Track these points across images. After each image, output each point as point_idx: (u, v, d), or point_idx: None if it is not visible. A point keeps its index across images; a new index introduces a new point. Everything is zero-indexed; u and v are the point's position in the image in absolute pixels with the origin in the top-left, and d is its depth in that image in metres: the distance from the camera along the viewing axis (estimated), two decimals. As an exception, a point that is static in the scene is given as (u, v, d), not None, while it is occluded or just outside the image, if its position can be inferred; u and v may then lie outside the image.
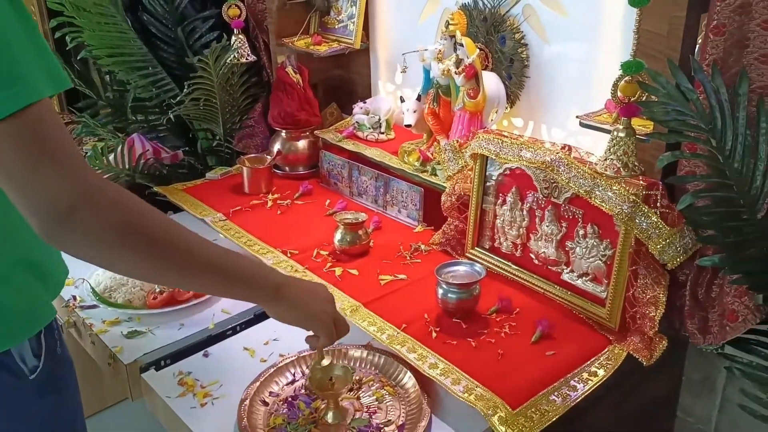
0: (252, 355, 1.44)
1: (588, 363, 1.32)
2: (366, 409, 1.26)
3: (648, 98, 1.29)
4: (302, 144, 2.22)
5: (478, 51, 1.69)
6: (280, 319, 1.15)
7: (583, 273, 1.48)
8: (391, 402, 1.28)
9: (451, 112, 1.79)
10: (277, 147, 2.22)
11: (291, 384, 1.33)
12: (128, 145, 2.28)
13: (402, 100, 1.95)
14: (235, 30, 2.16)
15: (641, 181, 1.34)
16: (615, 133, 1.30)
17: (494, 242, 1.66)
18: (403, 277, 1.62)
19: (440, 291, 1.46)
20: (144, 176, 2.28)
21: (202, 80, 2.17)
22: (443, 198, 1.73)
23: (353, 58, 2.29)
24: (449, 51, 1.75)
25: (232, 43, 2.17)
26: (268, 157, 2.15)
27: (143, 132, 2.43)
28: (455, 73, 1.69)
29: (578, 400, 1.23)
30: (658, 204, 1.33)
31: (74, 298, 1.60)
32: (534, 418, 1.17)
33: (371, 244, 1.76)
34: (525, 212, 1.57)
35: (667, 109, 1.25)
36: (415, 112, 1.89)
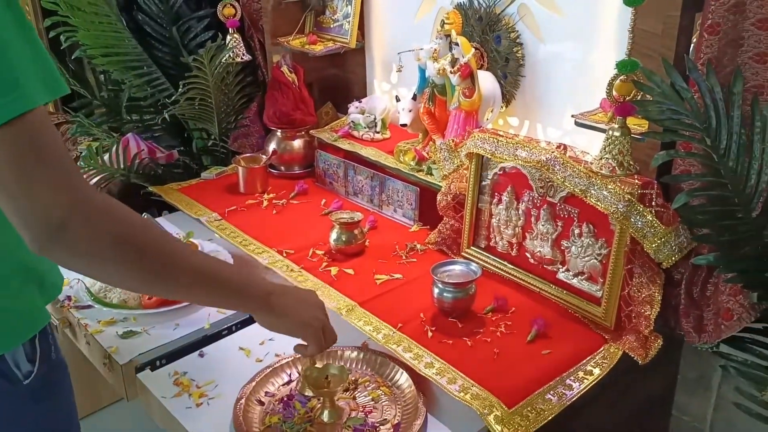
0: (247, 355, 1.44)
1: (584, 362, 1.32)
2: (362, 409, 1.26)
3: (643, 97, 1.30)
4: (298, 143, 2.22)
5: (474, 50, 1.69)
6: (270, 328, 1.14)
7: (579, 272, 1.48)
8: (386, 402, 1.28)
9: (447, 112, 1.79)
10: (272, 146, 2.21)
11: (287, 384, 1.33)
12: (123, 144, 2.28)
13: (397, 100, 1.95)
14: (231, 29, 2.16)
15: (636, 180, 1.34)
16: (610, 132, 1.31)
17: (490, 241, 1.66)
18: (398, 276, 1.62)
19: (436, 290, 1.46)
20: (139, 176, 2.27)
21: (197, 80, 2.17)
22: (439, 197, 1.73)
23: (349, 57, 2.29)
24: (445, 50, 1.75)
25: (228, 42, 2.17)
26: (264, 156, 2.15)
27: (138, 132, 2.42)
28: (451, 72, 1.69)
29: (574, 399, 1.23)
30: (653, 203, 1.33)
31: (69, 298, 1.60)
32: (530, 417, 1.17)
33: (367, 243, 1.76)
34: (520, 211, 1.57)
35: (662, 108, 1.26)
36: (410, 111, 1.89)
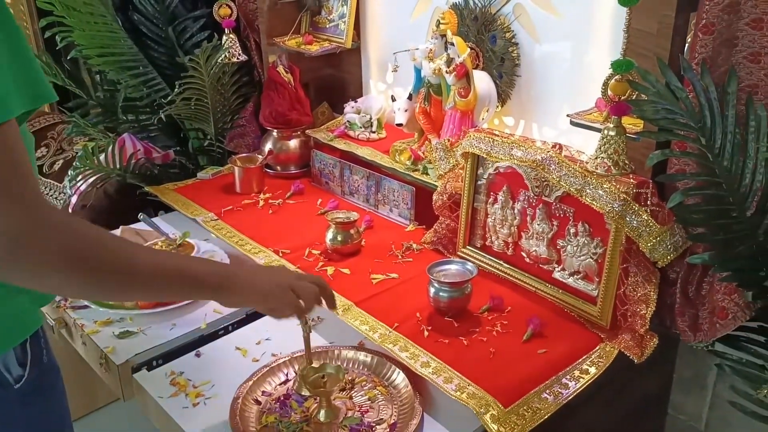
0: (244, 354, 1.44)
1: (579, 361, 1.33)
2: (358, 408, 1.26)
3: (638, 97, 1.30)
4: (293, 143, 2.22)
5: (469, 50, 1.69)
6: (237, 306, 1.10)
7: (575, 271, 1.49)
8: (383, 401, 1.28)
9: (442, 111, 1.80)
10: (268, 146, 2.21)
11: (284, 383, 1.33)
12: (119, 144, 2.28)
13: (393, 99, 1.95)
14: (226, 29, 2.16)
15: (631, 180, 1.34)
16: (605, 132, 1.31)
17: (486, 241, 1.67)
18: (394, 276, 1.62)
19: (432, 290, 1.46)
20: (135, 176, 2.27)
21: (193, 80, 2.17)
22: (435, 197, 1.74)
23: (344, 57, 2.29)
24: (440, 50, 1.75)
25: (223, 42, 2.17)
26: (260, 156, 2.15)
27: (134, 132, 2.42)
28: (446, 72, 1.70)
29: (570, 398, 1.23)
30: (648, 202, 1.33)
31: (65, 298, 1.59)
32: (526, 416, 1.18)
33: (363, 243, 1.76)
34: (516, 211, 1.57)
35: (657, 108, 1.26)
36: (406, 111, 1.89)
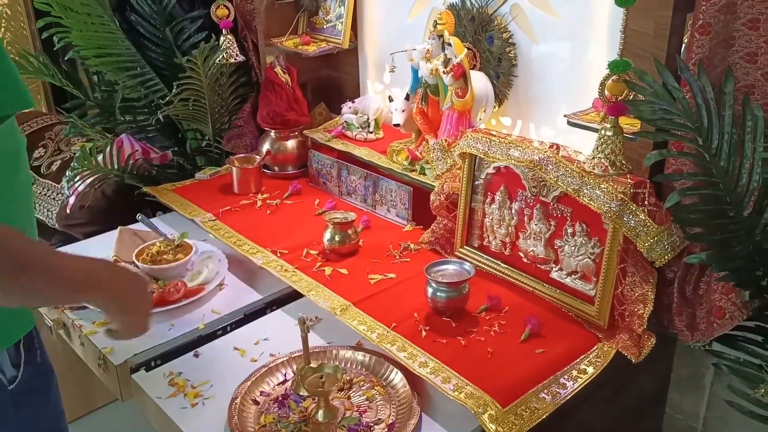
0: (242, 355, 1.44)
1: (577, 360, 1.33)
2: (356, 408, 1.26)
3: (635, 97, 1.30)
4: (291, 144, 2.22)
5: (466, 50, 1.69)
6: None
7: (572, 271, 1.49)
8: (381, 401, 1.28)
9: (440, 112, 1.80)
10: (266, 147, 2.21)
11: (282, 384, 1.33)
12: (117, 145, 2.27)
13: (390, 100, 1.95)
14: (224, 30, 2.16)
15: (629, 180, 1.35)
16: (603, 132, 1.31)
17: (483, 241, 1.67)
18: (392, 276, 1.62)
19: (430, 290, 1.46)
20: (133, 177, 2.27)
21: (190, 80, 2.17)
22: (432, 197, 1.74)
23: (342, 57, 2.29)
24: (437, 50, 1.75)
25: (221, 43, 2.17)
26: (258, 157, 2.15)
27: (132, 132, 2.42)
28: (443, 72, 1.70)
29: (568, 398, 1.24)
30: (645, 202, 1.34)
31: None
32: (524, 416, 1.18)
33: (360, 243, 1.76)
34: (514, 211, 1.57)
35: (654, 108, 1.26)
36: (403, 111, 1.89)
